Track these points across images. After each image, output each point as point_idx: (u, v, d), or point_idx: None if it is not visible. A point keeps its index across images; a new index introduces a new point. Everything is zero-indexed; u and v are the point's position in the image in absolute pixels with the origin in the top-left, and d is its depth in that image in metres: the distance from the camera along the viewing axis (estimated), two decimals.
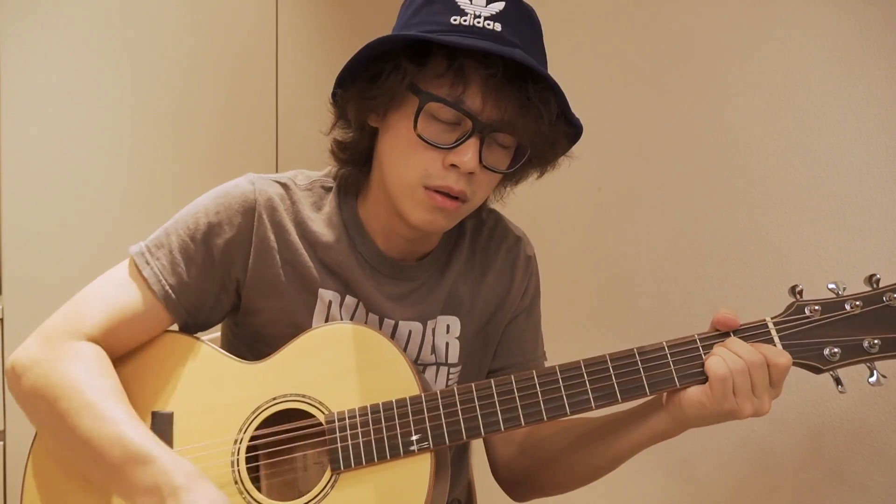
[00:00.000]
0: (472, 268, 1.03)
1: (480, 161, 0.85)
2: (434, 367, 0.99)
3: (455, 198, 0.87)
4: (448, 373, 1.00)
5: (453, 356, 1.00)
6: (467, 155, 0.84)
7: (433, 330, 0.99)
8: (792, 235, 1.17)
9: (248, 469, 0.87)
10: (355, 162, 0.97)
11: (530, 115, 0.84)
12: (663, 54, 1.39)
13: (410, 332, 0.98)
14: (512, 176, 0.96)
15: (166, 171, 1.58)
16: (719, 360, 0.80)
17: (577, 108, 1.54)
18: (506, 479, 1.05)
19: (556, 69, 1.60)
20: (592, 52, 1.56)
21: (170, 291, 0.90)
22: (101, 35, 1.53)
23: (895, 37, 1.03)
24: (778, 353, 0.81)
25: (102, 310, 0.88)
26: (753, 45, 1.23)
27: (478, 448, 1.58)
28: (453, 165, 0.85)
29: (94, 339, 0.87)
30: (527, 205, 1.71)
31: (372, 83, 0.87)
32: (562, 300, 1.59)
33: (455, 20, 0.83)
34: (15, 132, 1.46)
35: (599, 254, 1.54)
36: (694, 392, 0.82)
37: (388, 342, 0.90)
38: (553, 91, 0.84)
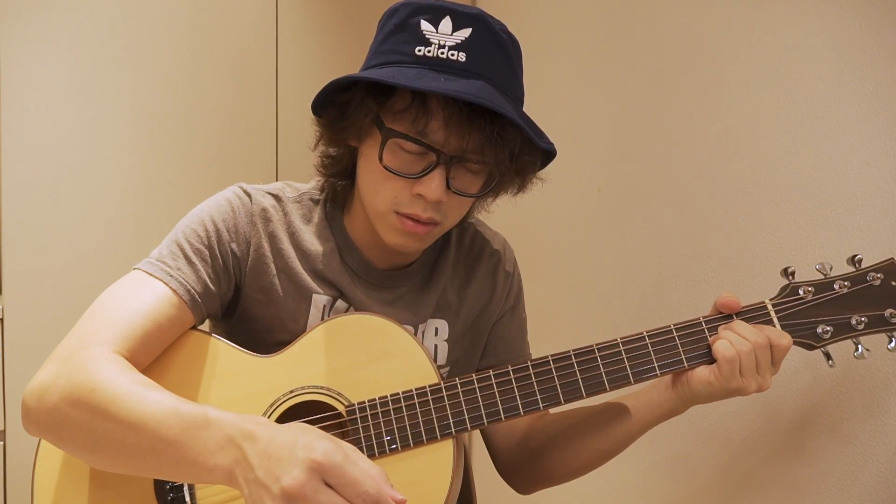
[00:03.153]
0: (458, 273, 1.06)
1: (449, 187, 0.86)
2: None
3: (426, 222, 0.89)
4: None
5: (441, 358, 1.03)
6: (432, 185, 0.85)
7: (423, 332, 1.02)
8: (793, 235, 1.16)
9: None
10: (339, 176, 0.99)
11: (494, 146, 0.84)
12: (663, 54, 1.38)
13: None
14: (489, 196, 0.97)
15: (166, 171, 1.56)
16: (727, 343, 0.85)
17: (576, 108, 1.58)
18: (509, 470, 1.07)
19: (556, 68, 1.63)
20: (592, 52, 1.55)
21: (198, 298, 0.90)
22: (102, 35, 1.51)
23: (895, 36, 1.03)
24: (780, 335, 0.86)
25: (126, 323, 0.84)
26: (753, 45, 1.22)
27: (477, 450, 1.59)
28: (420, 195, 0.86)
29: (119, 353, 0.82)
30: (527, 205, 1.72)
31: (341, 114, 0.89)
32: (562, 300, 1.60)
33: (419, 51, 0.83)
34: (15, 132, 1.43)
35: (599, 254, 1.53)
36: (702, 372, 0.87)
37: (403, 331, 0.92)
38: (515, 125, 0.84)
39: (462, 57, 0.83)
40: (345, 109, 0.88)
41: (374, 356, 0.90)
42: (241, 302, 0.96)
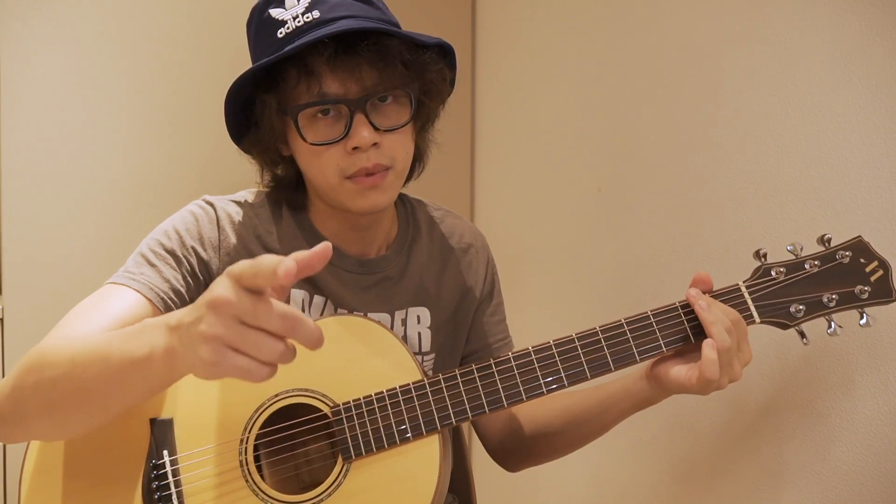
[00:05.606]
0: (433, 261, 1.07)
1: (377, 130, 0.89)
2: None
3: (375, 170, 0.91)
4: (422, 361, 1.04)
5: (426, 345, 1.04)
6: (361, 133, 0.88)
7: (403, 321, 1.03)
8: (793, 236, 1.14)
9: (257, 468, 0.88)
10: (290, 187, 1.01)
11: (385, 67, 0.88)
12: (663, 54, 1.38)
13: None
14: (423, 121, 0.99)
15: (167, 171, 1.56)
16: (713, 365, 0.83)
17: (577, 109, 1.60)
18: (498, 452, 1.10)
19: (557, 68, 1.64)
20: (592, 52, 1.55)
21: (163, 297, 0.91)
22: (102, 34, 1.52)
23: None
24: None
25: (93, 319, 0.85)
26: (754, 45, 1.22)
27: (476, 447, 1.59)
28: (356, 148, 0.89)
29: None
30: (527, 205, 1.74)
31: (257, 127, 0.93)
32: (561, 300, 1.61)
33: (281, 33, 0.88)
34: (15, 132, 1.43)
35: (599, 254, 1.53)
36: (677, 378, 0.88)
37: (386, 330, 0.92)
38: (387, 34, 0.87)
39: (316, 14, 0.87)
40: (256, 123, 0.93)
41: (358, 356, 0.91)
42: None
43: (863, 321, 0.93)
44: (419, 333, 1.04)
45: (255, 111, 0.92)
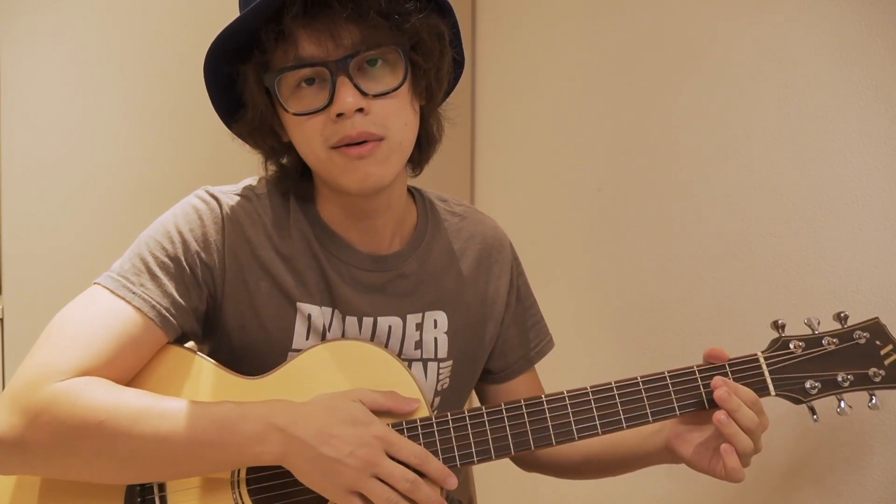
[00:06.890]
0: (453, 261, 1.02)
1: (364, 94, 0.82)
2: (420, 363, 0.98)
3: (365, 140, 0.84)
4: (438, 368, 1.00)
5: (442, 351, 1.00)
6: (344, 98, 0.81)
7: (418, 325, 0.98)
8: (793, 235, 1.17)
9: (250, 496, 0.84)
10: (295, 175, 0.96)
11: (364, 22, 0.80)
12: (663, 53, 1.38)
13: (390, 327, 0.97)
14: (424, 87, 0.90)
15: (168, 170, 1.54)
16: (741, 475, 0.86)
17: (577, 108, 1.59)
18: (514, 461, 1.12)
19: (557, 68, 1.65)
20: (592, 51, 1.54)
21: (165, 314, 0.86)
22: (101, 33, 1.50)
23: None
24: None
25: (88, 348, 0.80)
26: (755, 44, 1.21)
27: None
28: (340, 115, 0.82)
29: (91, 374, 0.79)
30: (527, 205, 1.73)
31: (245, 106, 0.88)
32: (561, 301, 1.59)
33: None
34: (15, 132, 1.42)
35: (599, 254, 1.52)
36: (699, 465, 0.89)
37: (398, 362, 0.90)
38: None
39: None
40: (241, 99, 0.88)
41: (366, 386, 0.88)
42: (222, 315, 0.92)
43: (872, 402, 0.93)
44: (435, 339, 0.99)
45: (238, 87, 0.87)
